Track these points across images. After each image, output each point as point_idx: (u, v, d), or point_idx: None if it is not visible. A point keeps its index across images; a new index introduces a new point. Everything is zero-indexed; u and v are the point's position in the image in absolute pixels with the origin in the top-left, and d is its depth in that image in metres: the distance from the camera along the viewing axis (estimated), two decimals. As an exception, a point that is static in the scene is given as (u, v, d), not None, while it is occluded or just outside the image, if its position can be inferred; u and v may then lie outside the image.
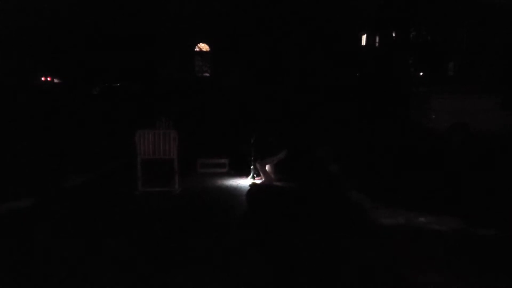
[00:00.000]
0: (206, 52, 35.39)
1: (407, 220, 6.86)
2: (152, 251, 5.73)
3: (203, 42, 35.05)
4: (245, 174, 9.48)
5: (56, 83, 29.31)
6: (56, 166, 10.43)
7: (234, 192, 8.57)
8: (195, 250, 5.74)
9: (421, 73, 29.47)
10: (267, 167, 9.20)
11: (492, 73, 24.51)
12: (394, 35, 30.13)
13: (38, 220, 6.96)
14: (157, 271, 5.15)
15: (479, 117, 13.43)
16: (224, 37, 31.74)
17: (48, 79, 29.14)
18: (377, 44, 33.04)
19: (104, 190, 8.64)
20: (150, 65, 30.63)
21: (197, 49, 35.26)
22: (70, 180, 9.14)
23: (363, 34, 33.84)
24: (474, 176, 9.81)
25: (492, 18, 26.17)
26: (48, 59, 26.13)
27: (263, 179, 9.18)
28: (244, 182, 9.18)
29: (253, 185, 9.01)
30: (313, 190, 8.72)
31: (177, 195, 8.27)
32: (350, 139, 14.47)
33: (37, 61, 25.64)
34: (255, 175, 9.35)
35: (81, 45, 26.53)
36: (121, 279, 4.98)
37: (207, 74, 35.38)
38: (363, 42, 34.14)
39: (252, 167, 9.26)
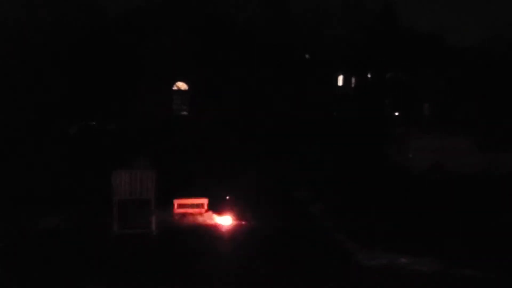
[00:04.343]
0: (184, 91, 35.47)
1: (389, 261, 6.79)
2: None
3: (181, 81, 35.19)
4: (224, 214, 9.29)
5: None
6: (27, 208, 9.98)
7: (212, 234, 8.38)
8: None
9: (396, 113, 30.04)
10: None
11: (466, 113, 25.09)
12: (370, 76, 30.79)
13: (5, 264, 6.64)
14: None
15: (455, 157, 13.60)
16: (202, 76, 31.96)
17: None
18: (353, 85, 33.66)
19: (78, 232, 8.33)
20: (128, 103, 30.48)
21: (175, 87, 35.34)
22: (43, 222, 8.79)
23: (340, 75, 34.44)
24: (448, 216, 9.85)
25: (461, 61, 27.06)
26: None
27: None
28: (222, 223, 9.01)
29: (231, 226, 8.83)
30: (296, 231, 8.59)
31: (154, 237, 8.03)
32: (327, 180, 14.37)
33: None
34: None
35: (57, 82, 26.15)
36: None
37: (185, 113, 35.35)
38: (340, 83, 34.70)
39: None
